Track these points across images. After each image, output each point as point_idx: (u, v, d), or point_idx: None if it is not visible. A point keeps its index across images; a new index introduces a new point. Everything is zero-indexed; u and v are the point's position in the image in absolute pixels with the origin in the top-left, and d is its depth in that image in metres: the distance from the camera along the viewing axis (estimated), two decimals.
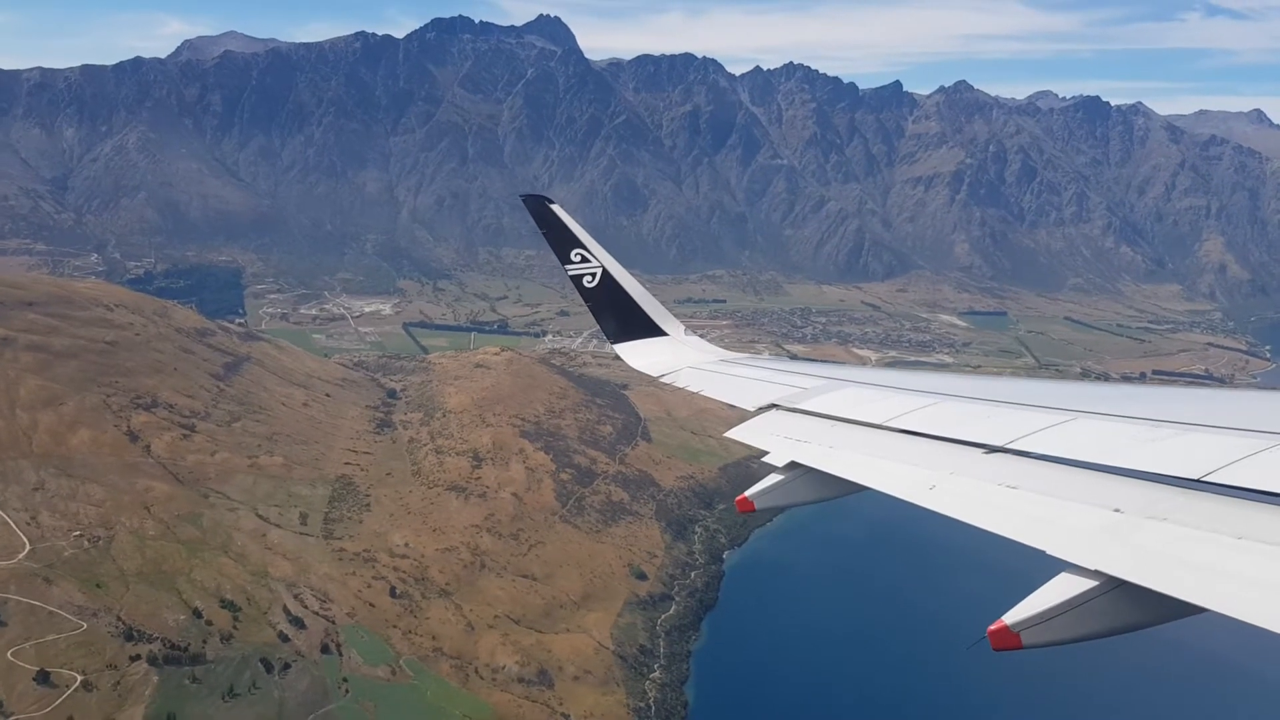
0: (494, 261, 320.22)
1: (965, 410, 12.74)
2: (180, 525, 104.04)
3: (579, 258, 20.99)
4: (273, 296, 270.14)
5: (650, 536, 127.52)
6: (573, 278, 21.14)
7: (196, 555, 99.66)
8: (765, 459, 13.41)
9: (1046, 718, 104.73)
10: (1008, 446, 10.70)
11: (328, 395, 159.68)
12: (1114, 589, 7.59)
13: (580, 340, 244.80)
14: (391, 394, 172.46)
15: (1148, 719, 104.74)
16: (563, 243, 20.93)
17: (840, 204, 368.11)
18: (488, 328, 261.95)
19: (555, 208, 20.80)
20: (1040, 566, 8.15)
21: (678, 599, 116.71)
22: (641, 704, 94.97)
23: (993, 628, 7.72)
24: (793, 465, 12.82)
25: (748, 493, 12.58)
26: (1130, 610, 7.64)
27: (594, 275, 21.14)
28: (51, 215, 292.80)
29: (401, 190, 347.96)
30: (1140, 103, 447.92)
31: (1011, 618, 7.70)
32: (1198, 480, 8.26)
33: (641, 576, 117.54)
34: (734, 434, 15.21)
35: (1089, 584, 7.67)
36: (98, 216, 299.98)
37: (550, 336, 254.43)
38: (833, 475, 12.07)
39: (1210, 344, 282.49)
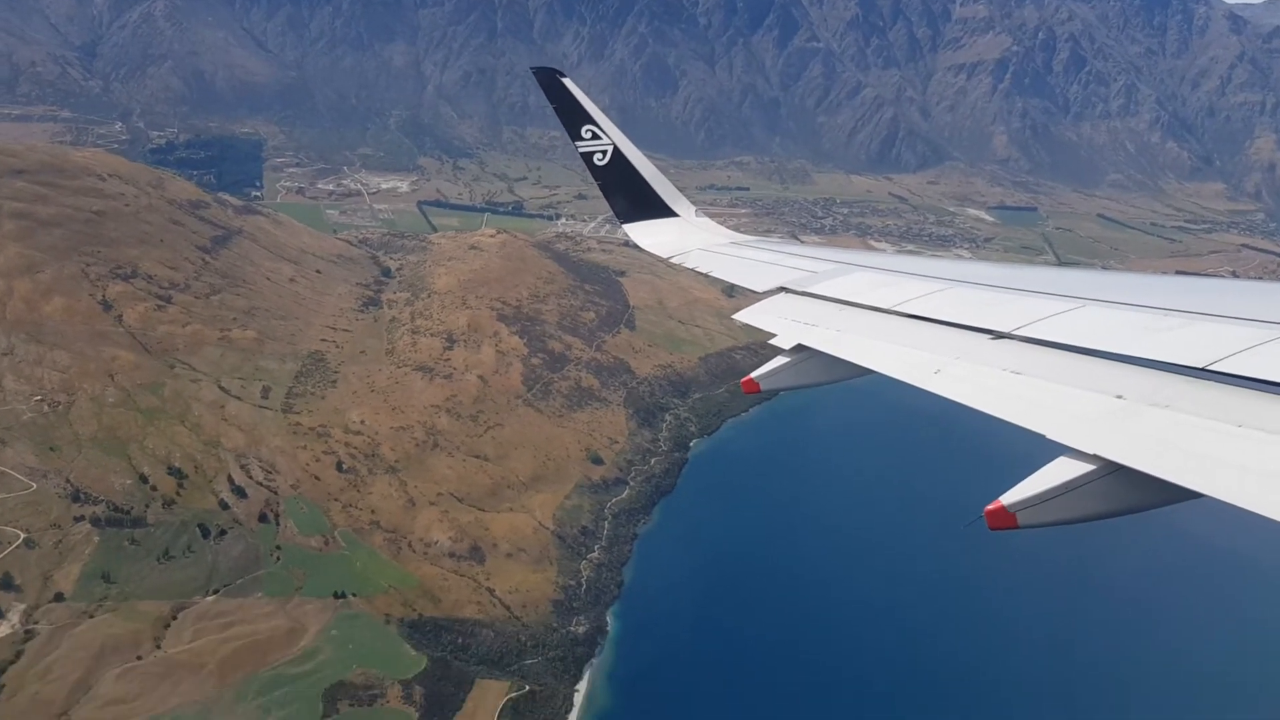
0: (517, 141, 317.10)
1: (974, 296, 12.89)
2: (141, 394, 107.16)
3: (590, 134, 20.87)
4: (291, 170, 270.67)
5: (615, 423, 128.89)
6: (583, 155, 21.16)
7: (152, 423, 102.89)
8: (772, 341, 13.75)
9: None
10: (1014, 333, 10.89)
11: (318, 272, 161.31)
12: (1111, 473, 7.87)
13: (592, 225, 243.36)
14: (386, 273, 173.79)
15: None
16: (573, 118, 20.79)
17: (877, 90, 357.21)
18: (502, 209, 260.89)
19: (567, 81, 20.65)
20: (1042, 452, 8.44)
21: (632, 484, 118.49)
22: (572, 582, 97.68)
23: (990, 508, 8.07)
24: (799, 348, 13.08)
25: (754, 374, 13.15)
26: (1126, 494, 7.91)
27: (605, 153, 21.09)
28: (79, 82, 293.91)
29: (428, 65, 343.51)
30: None
31: (1009, 498, 8.07)
32: (1202, 369, 8.43)
33: (598, 461, 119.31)
34: (741, 316, 15.68)
35: (1087, 468, 7.95)
36: (124, 85, 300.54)
37: (564, 220, 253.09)
38: (839, 358, 12.33)
39: (1245, 245, 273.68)
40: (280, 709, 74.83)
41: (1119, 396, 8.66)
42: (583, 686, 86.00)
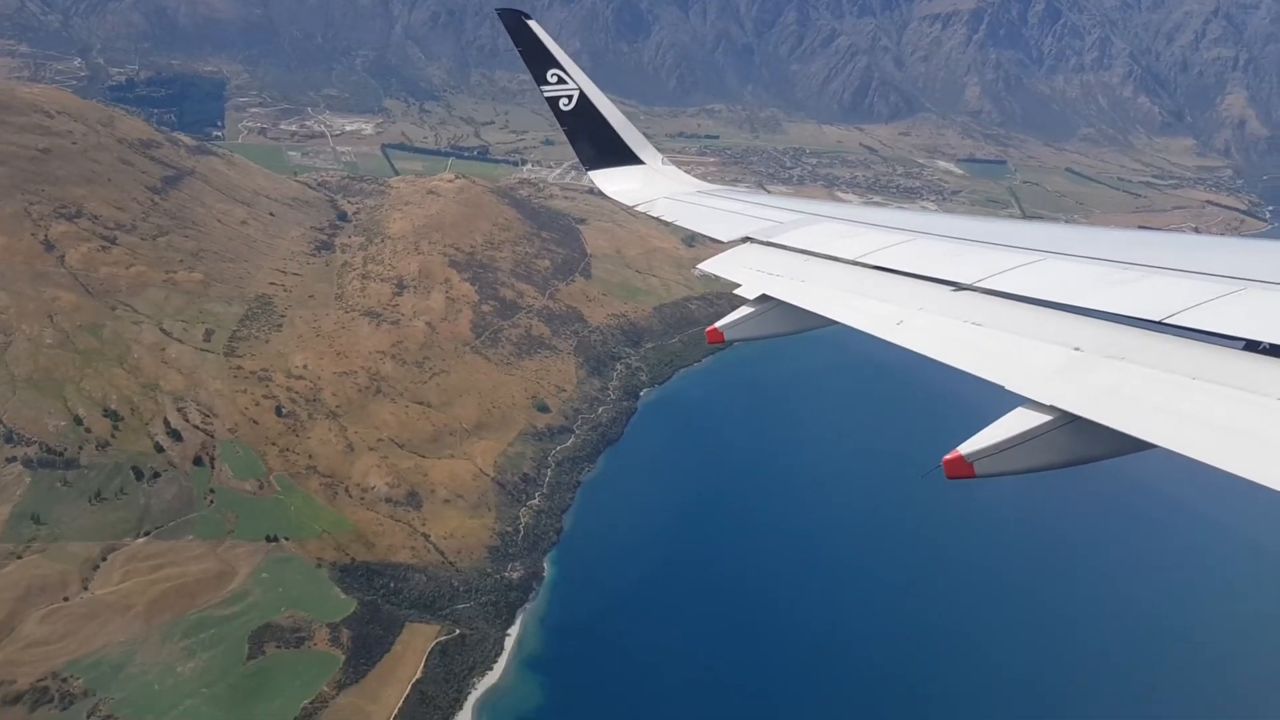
0: (486, 84, 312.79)
1: (937, 248, 13.03)
2: (80, 335, 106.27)
3: (555, 79, 20.69)
4: (254, 110, 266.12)
5: (563, 371, 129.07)
6: (549, 99, 21.03)
7: (90, 365, 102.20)
8: (737, 291, 14.07)
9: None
10: (976, 285, 11.08)
11: (271, 214, 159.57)
12: (1067, 424, 8.04)
13: (558, 172, 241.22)
14: (342, 216, 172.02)
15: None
16: (539, 62, 20.57)
17: (852, 39, 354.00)
18: (467, 154, 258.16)
19: (532, 24, 20.41)
20: (1001, 403, 8.60)
21: (578, 432, 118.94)
22: (510, 529, 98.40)
23: (947, 457, 8.21)
24: (764, 298, 13.32)
25: (718, 324, 13.49)
26: (1082, 444, 8.10)
27: (570, 98, 20.92)
28: (37, 16, 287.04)
29: (396, 4, 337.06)
30: None
31: (967, 448, 8.22)
32: (1159, 322, 8.62)
33: (544, 409, 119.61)
34: (707, 266, 15.88)
35: (1044, 418, 8.14)
36: (85, 20, 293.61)
37: (529, 166, 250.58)
38: (803, 309, 12.54)
39: (1210, 202, 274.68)
40: (206, 650, 75.49)
41: (1076, 349, 8.88)
42: (514, 631, 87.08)
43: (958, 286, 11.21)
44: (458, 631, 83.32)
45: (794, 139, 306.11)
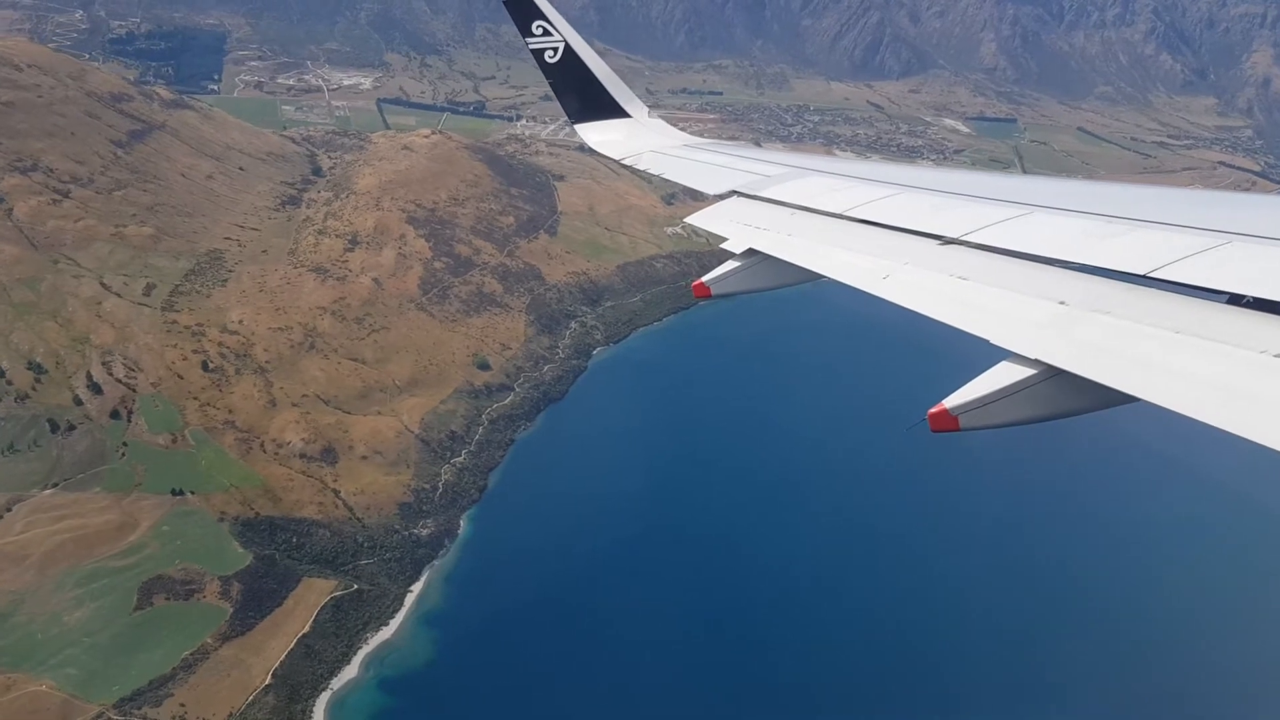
0: (490, 39, 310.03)
1: (924, 202, 13.11)
2: (17, 288, 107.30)
3: (540, 30, 20.60)
4: (253, 64, 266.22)
5: (512, 329, 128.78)
6: (534, 52, 21.03)
7: (22, 318, 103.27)
8: (723, 245, 14.01)
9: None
10: (963, 239, 11.12)
11: (241, 169, 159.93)
12: (1052, 377, 8.13)
13: (551, 128, 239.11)
14: (317, 171, 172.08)
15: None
16: (524, 13, 20.46)
17: None
18: (463, 109, 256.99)
19: None
20: (986, 357, 8.74)
21: (518, 390, 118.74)
22: (427, 486, 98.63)
23: (932, 411, 8.28)
24: (750, 252, 13.31)
25: (704, 278, 13.38)
26: (1066, 397, 8.18)
27: (556, 50, 20.91)
28: None
29: None
30: None
31: (951, 402, 8.29)
32: (1144, 276, 8.70)
33: (485, 367, 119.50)
34: (693, 219, 15.88)
35: (1028, 372, 8.22)
36: None
37: (523, 122, 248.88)
38: (789, 263, 12.60)
39: (1222, 163, 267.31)
40: (95, 600, 76.70)
41: (1061, 303, 8.93)
42: (417, 587, 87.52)
43: (945, 240, 11.21)
44: (355, 587, 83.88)
45: (800, 96, 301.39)
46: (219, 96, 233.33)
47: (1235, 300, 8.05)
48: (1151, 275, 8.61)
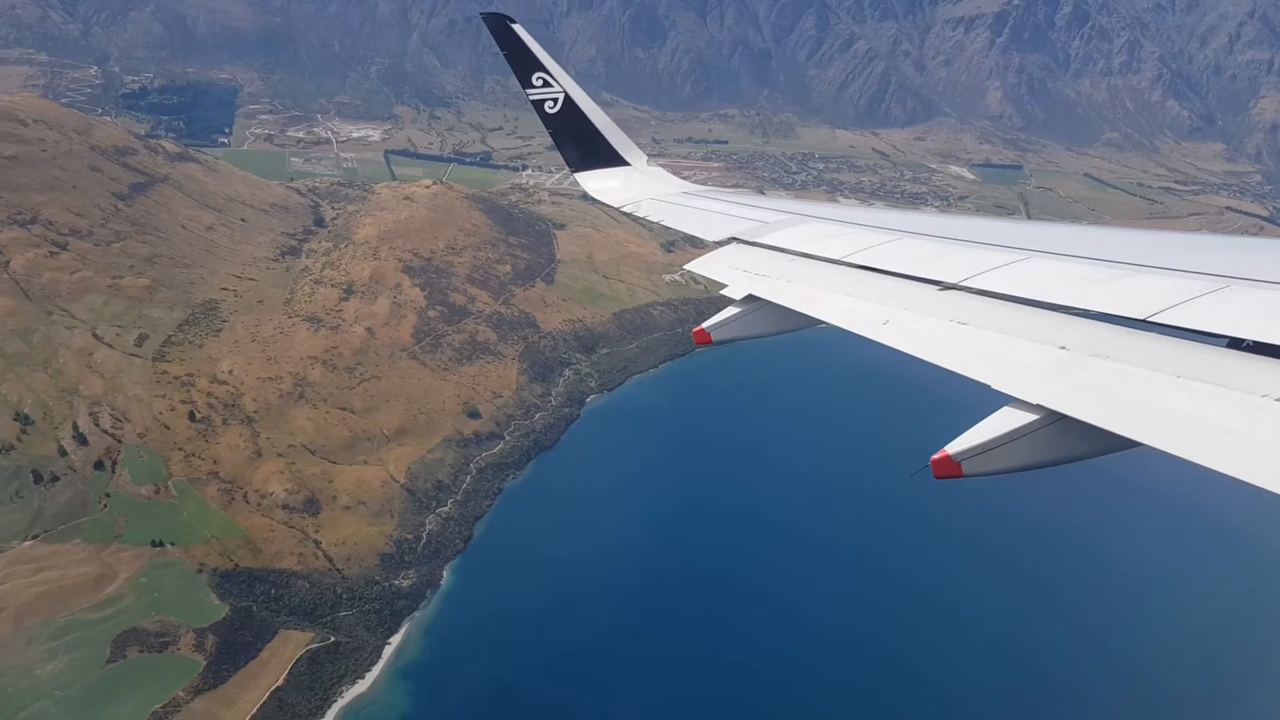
0: (499, 91, 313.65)
1: (923, 248, 13.15)
2: (9, 340, 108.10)
3: (540, 82, 21.00)
4: (263, 117, 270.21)
5: (504, 377, 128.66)
6: (534, 103, 21.46)
7: (13, 369, 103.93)
8: (723, 291, 14.14)
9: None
10: (962, 284, 11.19)
11: (242, 220, 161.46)
12: (1054, 422, 8.12)
13: (556, 177, 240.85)
14: (319, 222, 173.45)
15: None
16: (524, 65, 20.87)
17: (871, 44, 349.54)
18: (469, 159, 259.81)
19: (516, 27, 20.69)
20: (988, 402, 8.75)
21: (508, 439, 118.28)
22: (410, 535, 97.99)
23: (935, 457, 8.27)
24: (750, 298, 13.42)
25: (705, 324, 13.52)
26: (1069, 443, 8.18)
27: (556, 101, 21.32)
28: (59, 25, 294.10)
29: (415, 12, 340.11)
30: None
31: (954, 447, 8.28)
32: (1144, 320, 8.74)
33: (475, 415, 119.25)
34: (693, 266, 16.07)
35: (1031, 417, 8.21)
36: (105, 29, 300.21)
37: (529, 171, 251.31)
38: (789, 309, 12.72)
39: (1229, 208, 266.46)
40: (68, 653, 76.26)
41: (1062, 347, 8.92)
42: (396, 640, 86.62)
43: (944, 285, 11.25)
44: (332, 639, 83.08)
45: (805, 144, 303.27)
46: (229, 149, 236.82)
47: (1235, 344, 8.06)
48: (1151, 319, 8.62)
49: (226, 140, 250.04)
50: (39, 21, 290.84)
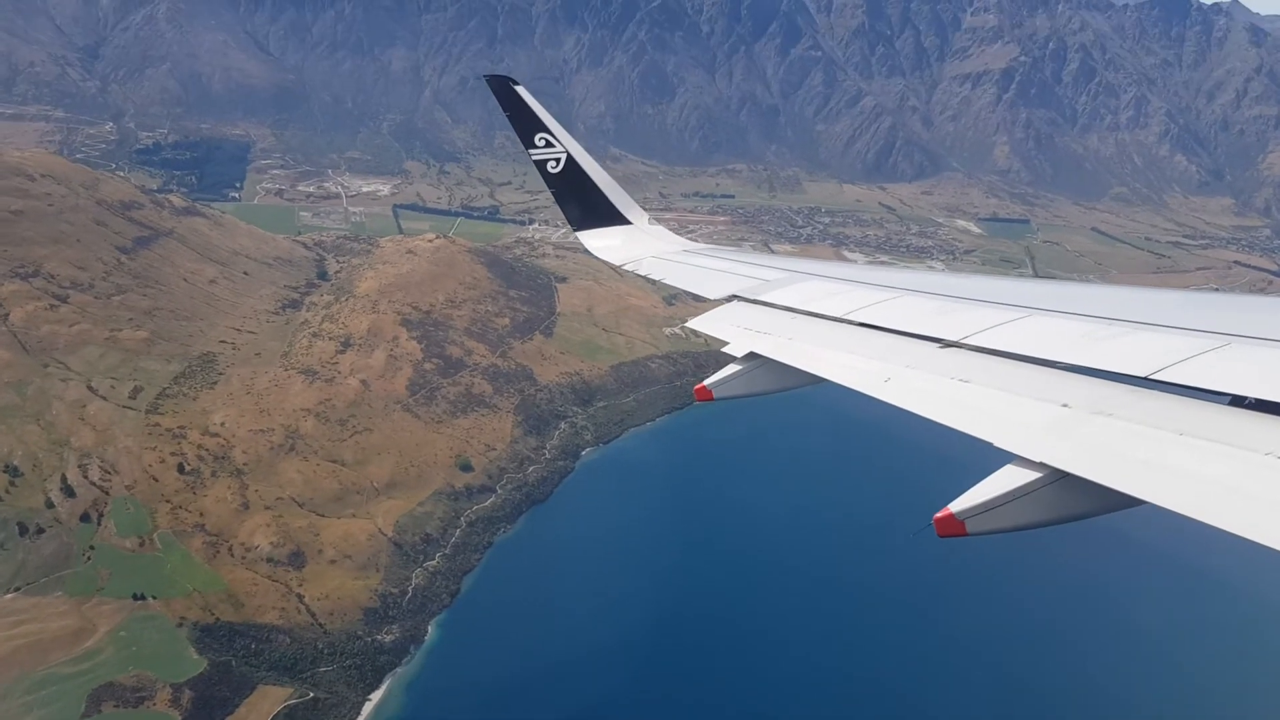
0: (509, 146, 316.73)
1: (924, 305, 13.34)
2: (3, 391, 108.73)
3: (543, 142, 21.34)
4: (274, 172, 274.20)
5: (498, 430, 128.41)
6: (536, 163, 21.73)
7: (4, 421, 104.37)
8: (725, 349, 14.28)
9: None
10: (963, 342, 11.25)
11: (245, 274, 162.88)
12: (1057, 480, 8.15)
13: (562, 231, 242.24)
14: (322, 275, 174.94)
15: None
16: (527, 126, 21.26)
17: (878, 99, 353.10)
18: (477, 213, 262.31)
19: (519, 89, 21.10)
20: (990, 460, 8.80)
21: (500, 492, 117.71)
22: (395, 590, 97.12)
23: (939, 515, 8.26)
24: (752, 356, 13.49)
25: (706, 382, 13.63)
26: (1073, 501, 8.19)
27: (558, 161, 21.59)
28: (76, 83, 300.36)
29: (427, 70, 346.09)
30: (1232, 0, 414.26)
31: (957, 506, 8.29)
32: (1145, 378, 8.77)
33: (467, 468, 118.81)
34: (695, 323, 16.24)
35: (1034, 475, 8.24)
36: (121, 86, 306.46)
37: (536, 225, 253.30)
38: (790, 366, 12.78)
39: (1237, 262, 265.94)
40: (43, 708, 75.47)
41: (1064, 405, 8.92)
42: (377, 696, 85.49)
43: (945, 343, 11.29)
44: (311, 695, 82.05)
45: (812, 198, 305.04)
46: (239, 204, 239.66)
47: (1237, 401, 8.05)
48: (1153, 377, 8.62)
49: (237, 195, 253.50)
50: (57, 79, 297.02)
